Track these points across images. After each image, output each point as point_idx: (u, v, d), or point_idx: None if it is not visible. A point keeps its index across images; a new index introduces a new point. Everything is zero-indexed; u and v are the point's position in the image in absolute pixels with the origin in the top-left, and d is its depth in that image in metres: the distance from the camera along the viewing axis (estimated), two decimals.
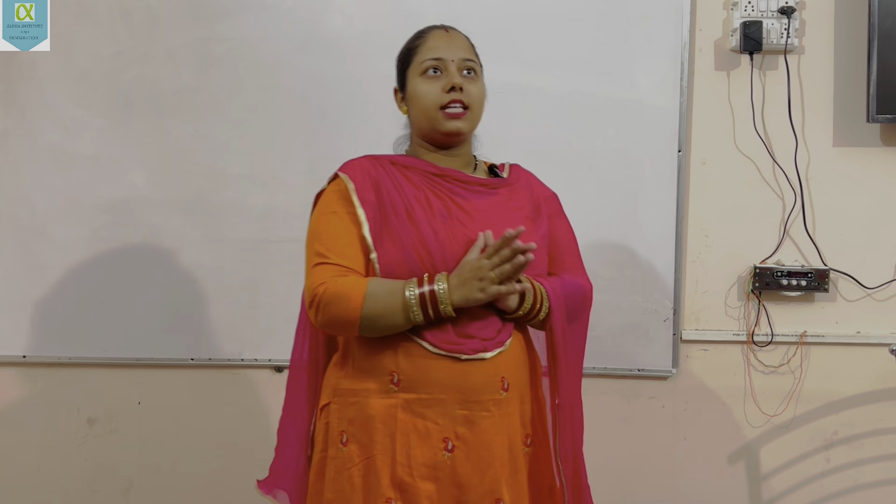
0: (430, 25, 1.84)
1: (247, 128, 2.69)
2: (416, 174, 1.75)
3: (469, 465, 1.65)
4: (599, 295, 2.65)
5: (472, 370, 1.66)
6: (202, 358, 2.74)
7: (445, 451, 1.65)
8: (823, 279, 2.68)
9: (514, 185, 1.82)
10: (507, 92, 2.65)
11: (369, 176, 1.73)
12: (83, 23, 2.69)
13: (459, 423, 1.65)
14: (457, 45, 1.78)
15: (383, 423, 1.67)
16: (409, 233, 1.68)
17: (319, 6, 2.68)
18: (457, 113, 1.73)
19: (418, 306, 1.61)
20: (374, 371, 1.68)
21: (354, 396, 1.70)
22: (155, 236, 2.71)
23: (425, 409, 1.65)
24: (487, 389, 1.67)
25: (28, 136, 2.71)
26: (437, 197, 1.73)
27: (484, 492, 1.66)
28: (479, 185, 1.78)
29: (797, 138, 2.68)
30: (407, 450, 1.65)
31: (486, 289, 1.61)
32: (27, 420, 2.81)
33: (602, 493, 2.76)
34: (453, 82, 1.72)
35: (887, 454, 2.74)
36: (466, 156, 1.83)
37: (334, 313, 1.64)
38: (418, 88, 1.75)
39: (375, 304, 1.62)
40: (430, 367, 1.65)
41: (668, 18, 2.65)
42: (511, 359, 1.71)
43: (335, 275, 1.66)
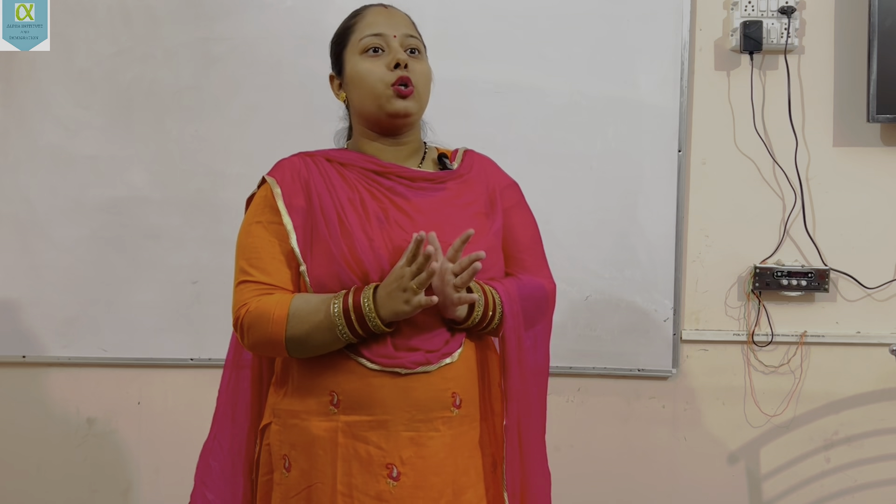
0: (366, 4, 1.67)
1: (247, 128, 2.69)
2: (353, 172, 1.60)
3: (419, 493, 1.49)
4: (599, 295, 2.68)
5: (416, 386, 1.49)
6: (202, 358, 2.74)
7: (390, 478, 1.48)
8: (823, 279, 2.68)
9: (466, 177, 1.65)
10: (507, 92, 2.65)
11: (299, 177, 1.59)
12: (83, 23, 2.69)
13: (404, 445, 1.49)
14: (398, 21, 1.62)
15: (323, 448, 1.52)
16: (339, 242, 1.52)
17: (319, 6, 2.68)
18: (405, 92, 1.55)
19: (344, 325, 1.46)
20: (314, 391, 1.53)
21: (294, 418, 1.55)
22: (155, 236, 2.71)
23: (367, 433, 1.50)
24: (435, 406, 1.50)
25: (28, 135, 2.71)
26: (374, 198, 1.57)
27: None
28: (424, 181, 1.61)
29: (797, 138, 2.68)
30: (348, 478, 1.49)
31: (410, 300, 1.44)
32: (27, 420, 2.81)
33: (602, 493, 2.77)
34: (398, 58, 1.56)
35: (887, 454, 2.74)
36: (415, 143, 1.67)
37: (258, 336, 1.51)
38: (359, 67, 1.59)
39: (300, 324, 1.47)
40: (371, 385, 1.49)
41: (668, 18, 2.65)
42: (462, 371, 1.54)
43: (258, 293, 1.53)
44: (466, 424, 1.55)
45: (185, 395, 2.78)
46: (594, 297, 2.69)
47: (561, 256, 2.66)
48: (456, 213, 1.59)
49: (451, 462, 1.52)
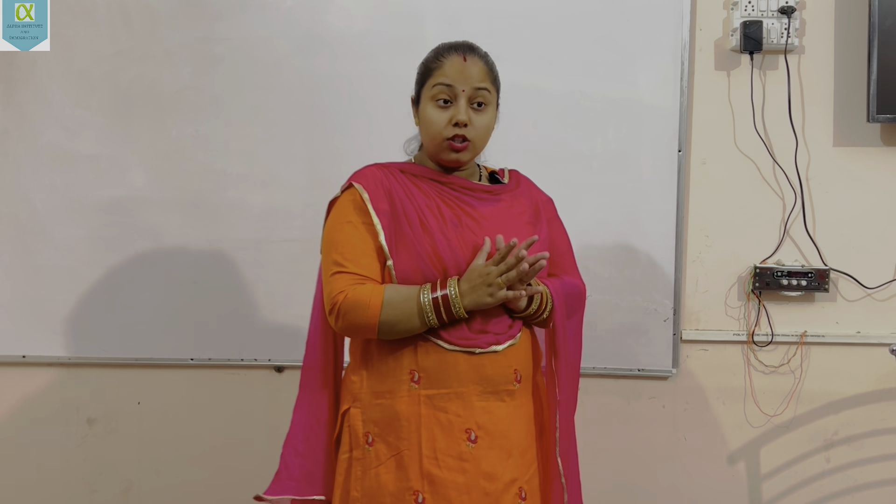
0: (452, 46, 1.83)
1: (247, 128, 2.68)
2: (424, 182, 1.82)
3: (492, 454, 1.73)
4: (599, 295, 2.68)
5: (486, 363, 1.74)
6: (202, 358, 2.74)
7: (468, 441, 1.73)
8: (823, 279, 2.68)
9: (515, 191, 1.91)
10: (507, 92, 2.62)
11: (382, 185, 1.79)
12: (83, 23, 2.69)
13: (479, 413, 1.73)
14: (471, 75, 1.79)
15: (407, 420, 1.74)
16: (422, 241, 1.75)
17: (319, 6, 2.68)
18: (459, 146, 1.78)
19: (432, 311, 1.69)
20: (394, 372, 1.76)
21: (377, 398, 1.77)
22: (155, 236, 2.71)
23: (446, 403, 1.73)
24: (502, 381, 1.76)
25: (28, 135, 2.71)
26: (447, 205, 1.80)
27: (508, 480, 1.74)
28: (483, 193, 1.85)
29: (797, 138, 2.68)
30: (433, 443, 1.72)
31: (494, 294, 1.69)
32: (27, 420, 2.81)
33: (602, 492, 2.77)
34: (458, 119, 1.77)
35: (887, 454, 2.74)
36: (471, 167, 1.90)
37: (353, 320, 1.71)
38: (427, 113, 1.80)
39: (392, 310, 1.70)
40: (448, 363, 1.73)
41: (668, 18, 2.65)
42: (522, 352, 1.80)
43: (353, 283, 1.73)
44: (524, 396, 1.81)
45: (185, 395, 2.78)
46: (594, 297, 2.68)
47: None
48: (512, 220, 1.84)
49: (514, 427, 1.77)
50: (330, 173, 2.51)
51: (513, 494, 1.74)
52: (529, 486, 1.78)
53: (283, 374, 2.73)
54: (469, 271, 1.71)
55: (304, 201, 2.67)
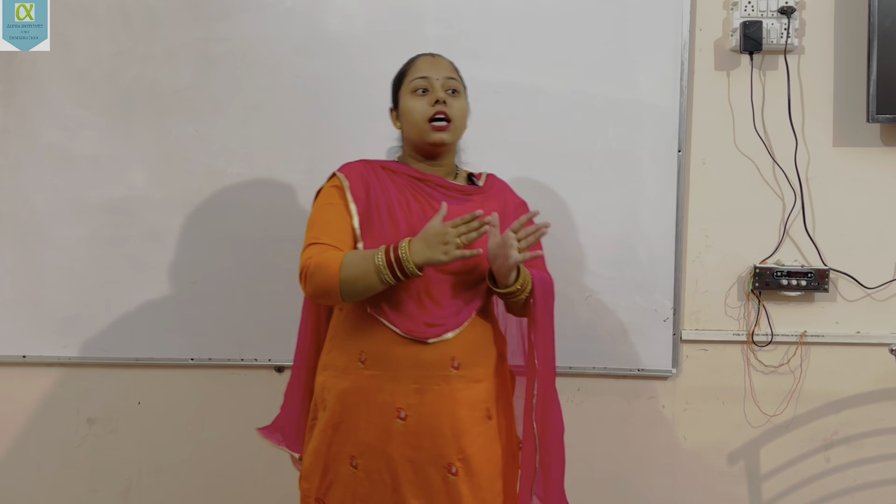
0: (420, 53, 2.07)
1: (247, 128, 2.69)
2: (401, 178, 2.00)
3: (421, 430, 1.90)
4: (599, 295, 2.68)
5: (423, 351, 1.91)
6: (202, 358, 2.74)
7: (399, 418, 1.91)
8: (823, 279, 2.68)
9: (488, 193, 2.06)
10: (507, 92, 2.66)
11: (361, 177, 1.99)
12: (83, 23, 2.69)
13: (410, 395, 1.91)
14: (441, 67, 2.03)
15: (352, 394, 1.95)
16: (387, 230, 1.94)
17: (319, 6, 2.68)
18: (441, 126, 1.97)
19: (386, 267, 1.83)
20: (349, 351, 1.96)
21: (334, 371, 1.99)
22: (155, 236, 2.71)
23: (383, 384, 1.92)
24: (437, 367, 1.91)
25: (28, 135, 2.71)
26: (417, 200, 1.98)
27: (435, 454, 1.90)
28: (455, 191, 2.01)
29: (797, 138, 2.68)
30: (368, 416, 1.92)
31: (449, 252, 1.80)
32: (27, 420, 2.81)
33: (602, 492, 2.77)
34: (438, 96, 1.97)
35: (887, 454, 2.74)
36: (449, 165, 2.06)
37: (317, 281, 1.87)
38: (408, 104, 2.00)
39: (351, 268, 1.85)
40: (390, 350, 1.92)
41: (668, 18, 2.65)
42: (465, 342, 1.94)
43: (322, 251, 1.91)
44: (463, 383, 1.93)
45: (185, 395, 2.78)
46: (594, 297, 2.69)
47: (561, 256, 2.67)
48: None
49: (446, 409, 1.91)
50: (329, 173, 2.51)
51: (440, 467, 1.90)
52: (465, 466, 1.91)
53: (283, 374, 2.73)
54: (425, 230, 1.83)
55: (304, 201, 2.67)
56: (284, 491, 2.62)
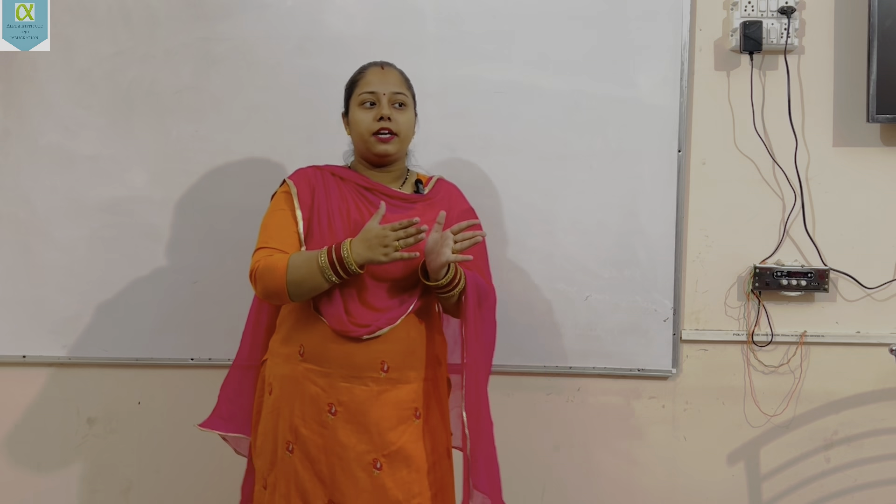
0: (370, 62, 2.16)
1: (247, 128, 2.69)
2: (348, 186, 2.11)
3: (348, 427, 2.02)
4: (599, 295, 2.68)
5: (356, 352, 2.02)
6: (202, 358, 2.74)
7: (329, 413, 2.02)
8: (823, 279, 2.68)
9: (433, 200, 2.15)
10: (507, 92, 2.66)
11: (309, 184, 2.10)
12: (83, 23, 2.69)
13: (341, 392, 2.02)
14: (389, 81, 2.11)
15: (290, 383, 2.06)
16: (325, 238, 2.04)
17: (319, 6, 2.68)
18: (385, 138, 2.07)
19: (329, 268, 1.94)
20: (292, 342, 2.08)
21: (278, 358, 2.10)
22: (155, 236, 2.71)
23: (317, 378, 2.03)
24: (367, 368, 2.02)
25: (28, 136, 2.71)
26: (358, 208, 2.08)
27: (362, 451, 2.02)
28: (399, 200, 2.11)
29: (797, 138, 2.68)
30: (303, 407, 2.04)
31: (389, 254, 1.91)
32: (27, 420, 2.81)
33: (602, 492, 2.77)
34: (382, 113, 2.07)
35: (887, 454, 2.74)
36: (397, 171, 2.16)
37: (265, 283, 1.99)
38: (355, 116, 2.10)
39: (297, 271, 1.96)
40: (326, 346, 2.03)
41: (668, 18, 2.65)
42: (396, 347, 2.04)
43: (269, 255, 2.02)
44: (391, 384, 2.05)
45: (185, 395, 2.78)
46: (594, 297, 2.69)
47: (561, 256, 2.67)
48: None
49: (374, 409, 2.03)
50: None
51: (366, 463, 2.01)
52: (389, 461, 2.02)
53: None
54: (364, 231, 1.93)
55: None
56: None
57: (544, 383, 2.75)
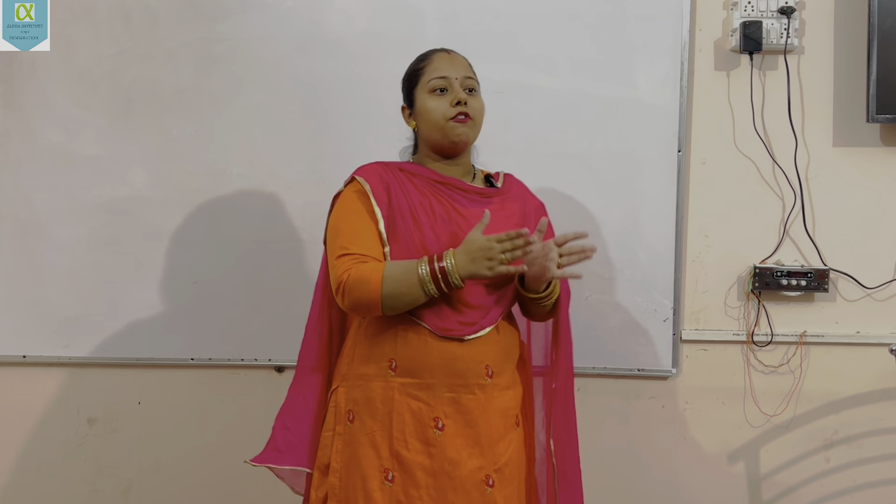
0: (433, 49, 2.02)
1: (247, 128, 2.69)
2: (421, 181, 1.95)
3: (458, 441, 1.86)
4: (599, 295, 2.68)
5: (457, 357, 1.86)
6: (202, 358, 2.74)
7: (436, 428, 1.86)
8: (823, 279, 2.68)
9: (507, 195, 2.02)
10: (507, 92, 2.66)
11: (381, 180, 1.93)
12: (83, 23, 2.69)
13: (447, 404, 1.86)
14: (459, 65, 1.98)
15: (382, 403, 1.88)
16: (412, 234, 1.88)
17: (319, 6, 2.68)
18: (463, 121, 1.93)
19: (431, 281, 1.79)
20: (376, 358, 1.90)
21: (359, 380, 1.91)
22: (155, 236, 2.71)
23: (417, 392, 1.87)
24: (472, 375, 1.87)
25: (28, 136, 2.71)
26: (440, 203, 1.93)
27: (474, 467, 1.86)
28: (475, 194, 1.98)
29: (797, 138, 2.68)
30: (402, 427, 1.86)
31: (494, 267, 1.78)
32: (27, 420, 2.81)
33: (602, 492, 2.77)
34: (459, 97, 1.92)
35: (887, 454, 2.74)
36: (466, 165, 2.02)
37: (357, 296, 1.82)
38: (427, 104, 1.94)
39: (393, 283, 1.80)
40: (422, 354, 1.86)
41: (668, 18, 2.65)
42: (494, 349, 1.91)
43: (357, 262, 1.85)
44: (497, 391, 1.91)
45: (185, 395, 2.78)
46: (594, 297, 2.69)
47: None
48: (500, 222, 1.93)
49: (483, 419, 1.88)
50: (330, 173, 2.51)
51: (478, 480, 1.86)
52: (499, 476, 1.88)
53: (283, 374, 2.73)
54: (467, 243, 1.80)
55: (304, 201, 2.67)
56: (284, 491, 2.62)
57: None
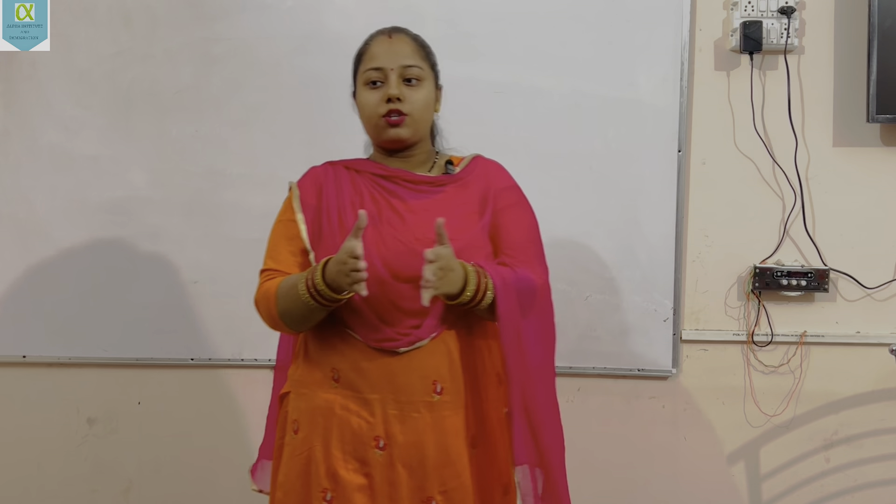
0: (378, 30, 1.85)
1: (247, 128, 2.69)
2: (364, 177, 1.81)
3: (400, 463, 1.70)
4: (599, 295, 2.68)
5: (399, 371, 1.70)
6: (202, 358, 2.74)
7: (377, 448, 1.71)
8: (823, 279, 2.68)
9: (465, 180, 1.82)
10: (507, 92, 2.65)
11: (315, 182, 1.82)
12: (83, 23, 2.69)
13: (390, 422, 1.71)
14: (398, 53, 1.78)
15: (323, 415, 1.74)
16: (335, 237, 1.73)
17: (319, 6, 2.68)
18: (395, 121, 1.75)
19: (308, 297, 1.66)
20: (321, 366, 1.76)
21: (305, 388, 1.78)
22: (155, 236, 2.71)
23: (359, 408, 1.72)
24: (417, 391, 1.71)
25: (28, 136, 2.71)
26: (374, 200, 1.77)
27: (414, 487, 1.71)
28: (425, 185, 1.80)
29: (797, 138, 2.68)
30: (342, 444, 1.72)
31: (353, 283, 1.59)
32: (27, 420, 2.81)
33: (602, 492, 2.77)
34: (389, 93, 1.74)
35: (887, 454, 2.74)
36: (422, 155, 1.85)
37: (264, 315, 1.76)
38: (361, 98, 1.80)
39: (284, 300, 1.70)
40: (363, 367, 1.71)
41: (668, 18, 2.65)
42: (444, 362, 1.72)
43: (266, 279, 1.77)
44: (449, 410, 1.72)
45: (185, 395, 2.78)
46: (594, 297, 2.69)
47: (561, 256, 2.66)
48: (447, 213, 1.70)
49: (430, 440, 1.71)
50: None
51: (418, 501, 1.70)
52: (445, 499, 1.71)
53: None
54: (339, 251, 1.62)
55: None
56: None
57: None
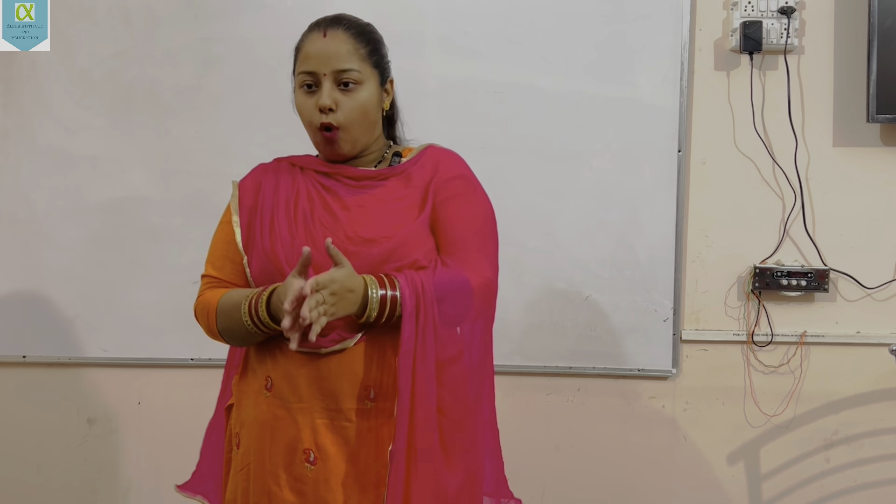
0: (317, 22, 1.68)
1: (247, 128, 2.68)
2: (307, 175, 1.69)
3: (332, 479, 1.56)
4: (599, 295, 2.68)
5: (328, 376, 1.56)
6: (202, 358, 2.74)
7: (307, 462, 1.57)
8: (823, 279, 2.68)
9: (408, 172, 1.67)
10: (507, 92, 2.65)
11: (255, 181, 1.72)
12: (83, 23, 2.69)
13: (320, 433, 1.57)
14: (332, 55, 1.61)
15: (259, 428, 1.62)
16: (265, 239, 1.63)
17: (319, 6, 2.65)
18: (329, 136, 1.62)
19: (252, 325, 1.56)
20: (257, 374, 1.65)
21: (245, 397, 1.67)
22: (155, 236, 2.71)
23: (292, 417, 1.59)
24: (347, 398, 1.56)
25: (28, 136, 2.71)
26: (309, 198, 1.65)
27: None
28: (367, 179, 1.66)
29: (797, 138, 2.68)
30: (275, 458, 1.59)
31: None
32: (27, 420, 2.81)
33: (602, 492, 2.77)
34: (320, 104, 1.60)
35: (887, 454, 2.74)
36: (371, 154, 1.71)
37: (204, 327, 1.68)
38: (297, 101, 1.66)
39: (225, 319, 1.62)
40: (292, 374, 1.58)
41: (668, 18, 2.65)
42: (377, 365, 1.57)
43: (206, 287, 1.70)
44: (385, 417, 1.57)
45: (185, 395, 2.78)
46: (594, 297, 2.69)
47: (561, 256, 2.67)
48: (384, 208, 1.63)
49: (364, 452, 1.57)
50: None
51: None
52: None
53: None
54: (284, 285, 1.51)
55: None
56: None
57: (544, 383, 2.75)
